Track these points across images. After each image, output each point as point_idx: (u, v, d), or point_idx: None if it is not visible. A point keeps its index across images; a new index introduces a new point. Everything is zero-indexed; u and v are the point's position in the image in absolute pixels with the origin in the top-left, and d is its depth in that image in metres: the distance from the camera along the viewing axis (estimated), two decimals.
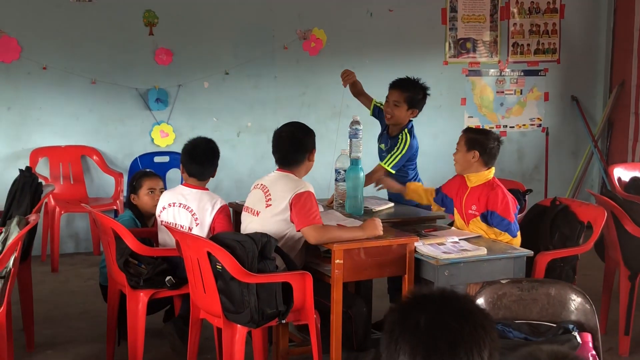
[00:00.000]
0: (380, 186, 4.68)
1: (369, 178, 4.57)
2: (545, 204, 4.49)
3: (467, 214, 4.11)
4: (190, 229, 4.12)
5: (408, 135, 4.65)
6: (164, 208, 4.24)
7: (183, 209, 4.16)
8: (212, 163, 4.31)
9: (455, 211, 4.21)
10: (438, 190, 4.40)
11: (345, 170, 4.30)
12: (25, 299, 4.51)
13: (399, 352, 1.57)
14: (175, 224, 4.12)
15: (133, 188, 4.71)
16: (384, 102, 4.78)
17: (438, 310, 1.60)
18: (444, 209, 4.37)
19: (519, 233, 4.02)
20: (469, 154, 4.10)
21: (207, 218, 4.11)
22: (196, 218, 4.13)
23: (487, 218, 4.03)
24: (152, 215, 4.57)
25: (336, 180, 4.37)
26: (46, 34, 6.49)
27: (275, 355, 4.04)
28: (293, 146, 3.92)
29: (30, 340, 4.51)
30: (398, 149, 4.63)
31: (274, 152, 3.96)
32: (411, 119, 4.72)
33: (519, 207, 4.16)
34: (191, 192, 4.21)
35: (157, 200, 4.46)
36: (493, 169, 4.15)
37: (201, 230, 4.10)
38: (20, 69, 6.42)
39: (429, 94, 4.76)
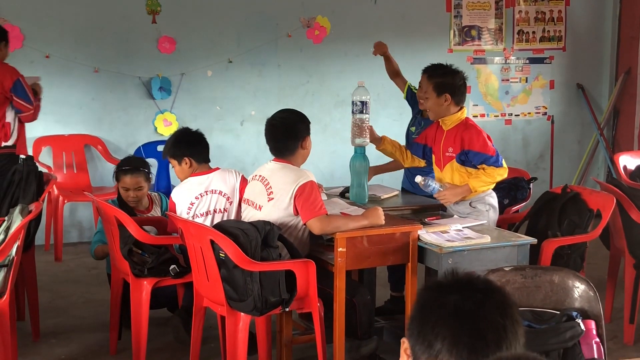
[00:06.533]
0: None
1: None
2: (556, 191, 4.48)
3: (444, 157, 4.12)
4: (226, 210, 4.10)
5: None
6: (192, 204, 4.11)
7: (214, 194, 4.12)
8: (207, 146, 4.32)
9: (434, 159, 4.23)
10: (412, 145, 4.39)
11: (361, 102, 4.18)
12: (29, 289, 4.51)
13: (436, 335, 1.54)
14: (210, 211, 4.08)
15: (116, 174, 4.66)
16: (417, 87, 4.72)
17: (482, 302, 1.57)
18: (423, 161, 4.35)
19: (504, 162, 4.04)
20: (440, 98, 4.09)
21: (236, 192, 4.12)
22: (228, 197, 4.10)
23: (467, 158, 4.03)
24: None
25: (353, 112, 4.25)
26: (49, 22, 6.47)
27: (278, 344, 4.03)
28: (285, 134, 3.83)
29: (35, 330, 4.51)
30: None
31: (268, 141, 3.89)
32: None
33: (498, 154, 4.13)
34: (211, 176, 4.16)
35: (131, 197, 4.51)
36: (465, 109, 4.16)
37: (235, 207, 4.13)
38: (23, 57, 6.39)
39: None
